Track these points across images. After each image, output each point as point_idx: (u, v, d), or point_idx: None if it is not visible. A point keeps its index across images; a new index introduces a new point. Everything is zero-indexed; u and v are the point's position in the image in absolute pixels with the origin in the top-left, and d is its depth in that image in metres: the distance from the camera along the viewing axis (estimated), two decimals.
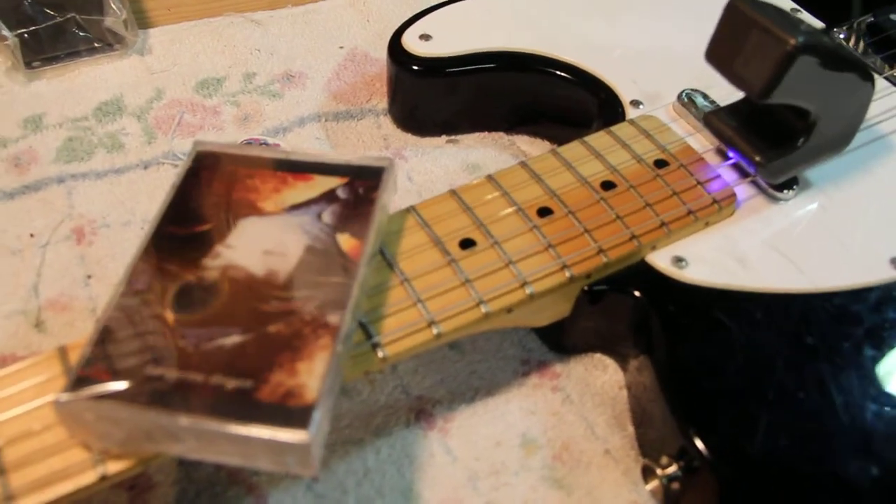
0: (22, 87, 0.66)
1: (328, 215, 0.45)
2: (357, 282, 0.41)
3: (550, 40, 0.61)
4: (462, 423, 0.49)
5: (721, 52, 0.47)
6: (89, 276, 0.54)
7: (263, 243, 0.43)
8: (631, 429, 0.49)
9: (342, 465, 0.47)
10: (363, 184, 0.46)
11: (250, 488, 0.46)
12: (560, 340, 0.52)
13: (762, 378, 0.44)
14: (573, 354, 0.52)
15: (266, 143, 0.61)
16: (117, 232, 0.56)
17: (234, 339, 0.40)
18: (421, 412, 0.49)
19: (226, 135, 0.63)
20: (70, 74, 0.67)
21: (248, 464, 0.38)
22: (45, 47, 0.67)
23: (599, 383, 0.51)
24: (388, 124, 0.65)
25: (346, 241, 0.43)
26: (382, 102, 0.66)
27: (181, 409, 0.37)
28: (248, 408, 0.37)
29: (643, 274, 0.48)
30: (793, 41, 0.43)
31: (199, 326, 0.40)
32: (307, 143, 0.62)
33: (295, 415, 0.37)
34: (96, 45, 0.68)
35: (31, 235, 0.56)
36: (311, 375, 0.38)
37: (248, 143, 0.61)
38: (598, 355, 0.52)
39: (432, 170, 0.61)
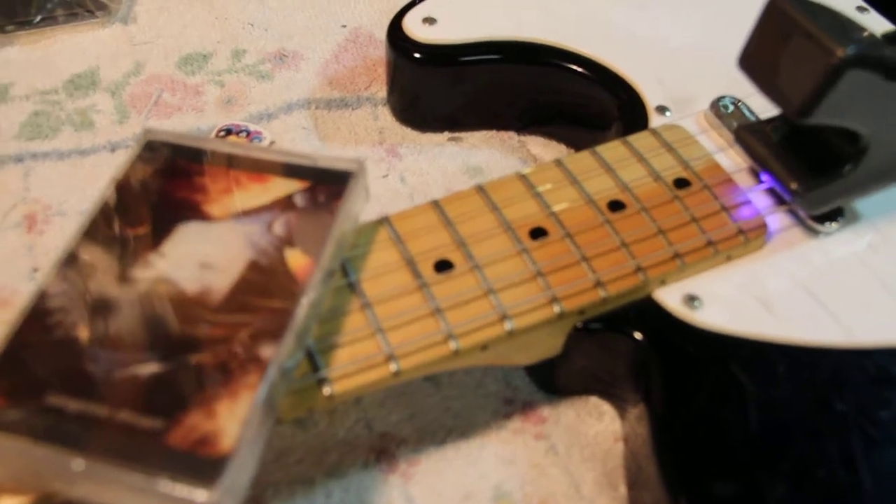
0: None
1: (280, 226, 0.38)
2: (302, 307, 0.35)
3: (569, 30, 0.53)
4: (428, 469, 0.43)
5: (756, 60, 0.40)
6: (36, 270, 0.49)
7: (201, 254, 0.38)
8: (623, 489, 0.42)
9: None
10: (326, 190, 0.40)
11: None
12: (550, 379, 0.45)
13: (777, 448, 0.37)
14: (565, 396, 0.46)
15: (247, 131, 0.56)
16: (73, 221, 0.51)
17: (150, 368, 0.34)
18: (383, 452, 0.43)
19: (206, 118, 0.57)
20: (45, 42, 0.61)
21: None
22: (19, 10, 0.61)
23: (592, 433, 0.44)
24: (386, 116, 0.58)
25: (295, 258, 0.37)
26: (383, 91, 0.59)
27: (76, 449, 0.32)
28: (153, 454, 0.32)
29: (648, 313, 0.41)
30: (839, 52, 0.35)
31: (114, 350, 0.35)
32: (292, 133, 0.56)
33: (204, 467, 0.31)
34: (76, 10, 0.62)
35: None
36: (231, 419, 0.32)
37: (228, 129, 0.55)
38: (594, 399, 0.45)
39: (428, 171, 0.55)
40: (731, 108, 0.48)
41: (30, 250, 0.50)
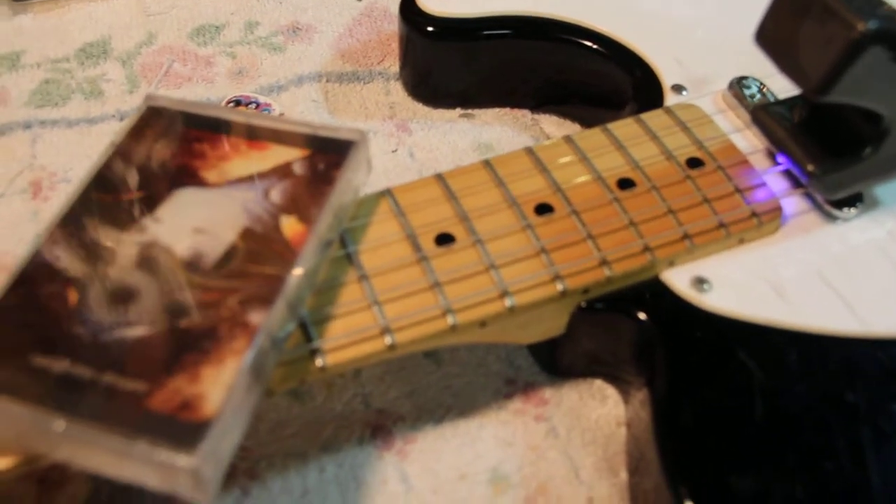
0: (5, 20, 0.60)
1: (277, 193, 0.38)
2: (294, 275, 0.35)
3: (585, 6, 0.52)
4: (424, 447, 0.42)
5: (774, 35, 0.38)
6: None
7: (196, 219, 0.37)
8: (623, 475, 0.41)
9: (279, 480, 0.40)
10: (326, 159, 0.39)
11: (171, 496, 0.40)
12: (554, 360, 0.44)
13: (784, 439, 0.36)
14: (568, 378, 0.45)
15: (256, 103, 0.55)
16: None
17: (137, 331, 0.33)
18: (379, 428, 0.42)
19: (216, 89, 0.56)
20: (59, 10, 0.61)
21: (137, 480, 0.31)
22: None
23: (594, 417, 0.43)
24: (398, 91, 0.57)
25: (290, 225, 0.36)
26: (395, 65, 0.58)
27: (58, 411, 0.31)
28: (134, 417, 0.31)
29: (654, 294, 0.40)
30: (860, 26, 0.34)
31: (100, 312, 0.34)
32: (302, 106, 0.55)
33: (184, 432, 0.30)
34: None
35: None
36: (215, 384, 0.31)
37: (237, 100, 0.55)
38: (598, 382, 0.44)
39: (439, 147, 0.54)
40: (750, 89, 0.47)
41: (34, 216, 0.50)
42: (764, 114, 0.44)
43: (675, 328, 0.39)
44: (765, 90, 0.47)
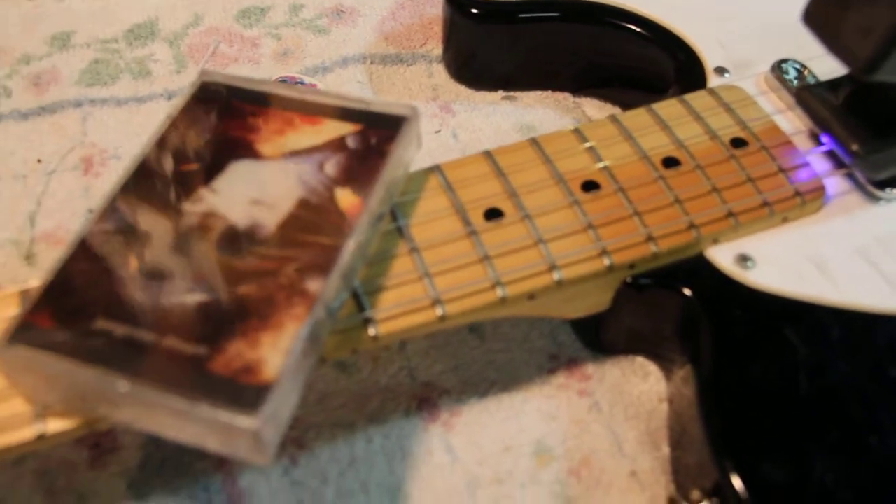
0: (56, 1, 0.62)
1: (331, 166, 0.38)
2: (349, 245, 0.35)
3: None
4: (469, 420, 0.42)
5: (821, 14, 0.38)
6: (91, 211, 0.50)
7: (252, 191, 0.38)
8: (665, 450, 0.42)
9: (326, 449, 0.41)
10: (378, 134, 0.39)
11: (220, 464, 0.41)
12: (597, 337, 0.45)
13: (828, 413, 0.36)
14: (611, 355, 0.45)
15: (302, 83, 0.56)
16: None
17: (197, 297, 0.34)
18: (425, 401, 0.43)
19: (261, 69, 0.57)
20: None
21: (196, 443, 0.32)
22: None
23: (636, 392, 0.43)
24: (440, 73, 0.58)
25: (345, 197, 0.37)
26: (438, 48, 0.59)
27: (122, 372, 0.32)
28: (196, 379, 0.32)
29: (699, 270, 0.40)
30: None
31: (163, 278, 0.35)
32: (347, 87, 0.56)
33: (246, 394, 0.31)
34: None
35: (39, 161, 0.52)
36: (274, 350, 0.32)
37: (283, 80, 0.56)
38: (640, 359, 0.45)
39: (482, 128, 0.54)
40: (793, 71, 0.47)
41: (86, 192, 0.51)
42: (808, 94, 0.44)
43: (719, 304, 0.40)
44: (806, 72, 0.47)
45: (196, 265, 0.35)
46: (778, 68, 0.47)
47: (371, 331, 0.37)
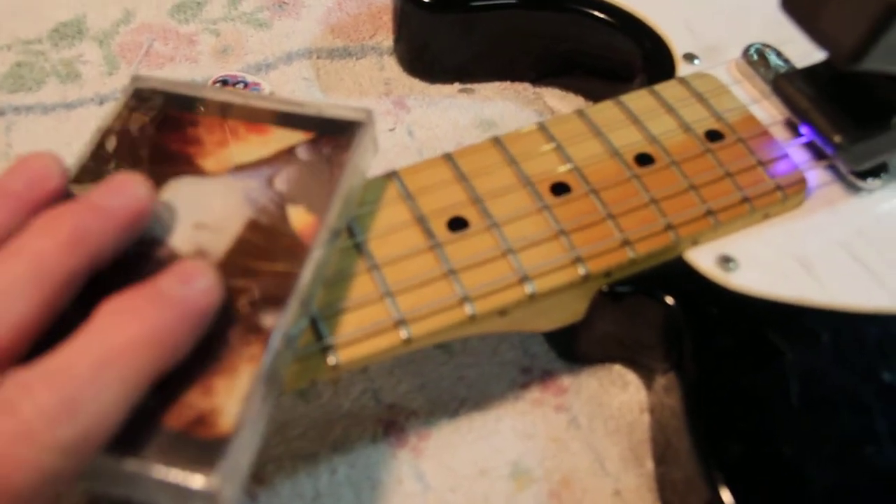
0: None
1: (282, 181, 0.35)
2: (306, 272, 0.32)
3: None
4: (440, 443, 0.40)
5: (802, 1, 0.36)
6: None
7: (195, 213, 0.34)
8: (650, 465, 0.39)
9: (287, 484, 0.38)
10: (331, 142, 0.36)
11: None
12: (571, 347, 0.42)
13: (820, 423, 0.35)
14: (586, 365, 0.43)
15: (244, 83, 0.52)
16: None
17: None
18: (391, 425, 0.40)
19: (200, 69, 0.53)
20: None
21: (150, 502, 0.29)
22: None
23: (616, 404, 0.41)
24: (392, 66, 0.55)
25: (298, 216, 0.34)
26: (388, 40, 0.56)
27: None
28: (145, 435, 0.28)
29: (679, 275, 0.38)
30: None
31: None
32: (292, 84, 0.53)
33: (201, 450, 0.28)
34: None
35: None
36: (230, 396, 0.29)
37: (224, 80, 0.52)
38: (617, 368, 0.42)
39: (439, 124, 0.51)
40: (766, 56, 0.45)
41: None
42: (785, 83, 0.42)
43: (701, 310, 0.38)
44: (780, 58, 0.45)
45: None
46: (749, 53, 0.45)
47: (331, 359, 0.34)
